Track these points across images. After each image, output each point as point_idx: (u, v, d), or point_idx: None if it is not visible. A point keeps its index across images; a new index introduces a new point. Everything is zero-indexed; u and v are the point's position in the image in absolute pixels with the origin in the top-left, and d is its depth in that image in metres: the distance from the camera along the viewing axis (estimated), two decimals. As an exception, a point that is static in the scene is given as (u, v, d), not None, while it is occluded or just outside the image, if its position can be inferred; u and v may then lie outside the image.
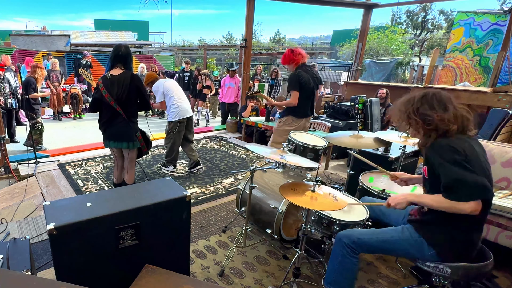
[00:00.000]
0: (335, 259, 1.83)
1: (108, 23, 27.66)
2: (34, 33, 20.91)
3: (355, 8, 7.79)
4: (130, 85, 2.87)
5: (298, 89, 3.50)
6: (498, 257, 1.74)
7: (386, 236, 1.77)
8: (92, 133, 6.76)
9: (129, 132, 3.00)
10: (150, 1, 9.47)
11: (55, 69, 8.17)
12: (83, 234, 1.51)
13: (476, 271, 1.63)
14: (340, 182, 4.15)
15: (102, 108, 2.97)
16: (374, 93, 5.75)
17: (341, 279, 1.81)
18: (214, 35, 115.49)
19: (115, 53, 2.91)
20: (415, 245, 1.69)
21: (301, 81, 3.50)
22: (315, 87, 3.70)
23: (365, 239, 1.77)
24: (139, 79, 2.99)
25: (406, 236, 1.72)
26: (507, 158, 2.72)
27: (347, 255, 1.77)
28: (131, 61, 2.99)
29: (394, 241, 1.74)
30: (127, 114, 2.95)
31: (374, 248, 1.79)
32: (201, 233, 2.86)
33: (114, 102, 2.86)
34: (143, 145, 3.17)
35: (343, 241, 1.78)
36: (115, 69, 2.90)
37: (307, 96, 3.62)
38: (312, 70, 3.74)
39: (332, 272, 1.85)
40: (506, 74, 7.34)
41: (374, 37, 20.15)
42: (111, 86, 2.84)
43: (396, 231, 1.78)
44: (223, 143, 5.89)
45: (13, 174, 4.20)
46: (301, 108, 3.62)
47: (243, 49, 6.60)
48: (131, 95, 2.92)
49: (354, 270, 1.80)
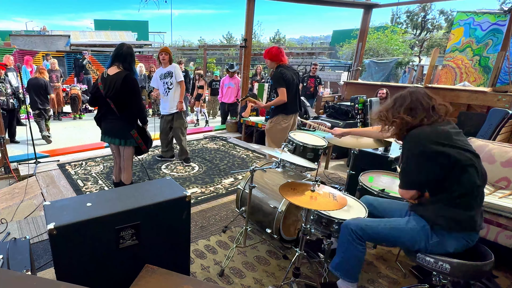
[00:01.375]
0: (341, 246, 1.89)
1: (108, 23, 27.67)
2: (34, 33, 20.92)
3: (355, 8, 7.80)
4: (121, 86, 2.80)
5: (284, 85, 3.58)
6: (498, 257, 1.74)
7: (393, 223, 1.83)
8: (92, 133, 6.76)
9: (121, 129, 2.98)
10: (150, 1, 9.47)
11: (55, 69, 8.19)
12: (83, 234, 1.52)
13: (476, 270, 1.64)
14: (340, 182, 4.15)
15: (99, 103, 2.99)
16: (374, 93, 5.75)
17: (347, 265, 1.87)
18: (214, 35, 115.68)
19: (116, 51, 2.90)
20: (421, 233, 1.74)
21: (285, 78, 3.59)
22: (298, 84, 3.88)
23: (373, 226, 1.83)
24: (132, 82, 2.88)
25: (412, 225, 1.78)
26: (507, 158, 2.72)
27: (353, 241, 1.82)
28: (132, 61, 2.93)
29: (401, 229, 1.79)
30: (120, 112, 2.92)
31: (381, 236, 1.83)
32: (201, 233, 2.86)
33: (109, 99, 2.88)
34: (141, 142, 3.09)
35: (350, 228, 1.83)
36: (113, 67, 2.90)
37: (293, 92, 3.72)
38: (291, 67, 3.90)
39: (338, 259, 1.91)
40: (506, 74, 7.33)
41: (374, 37, 20.17)
42: (104, 85, 2.86)
43: (402, 220, 1.84)
44: (223, 143, 5.89)
45: (13, 174, 4.20)
46: (290, 104, 3.68)
47: (243, 49, 6.60)
48: (122, 96, 2.84)
49: (360, 257, 1.85)
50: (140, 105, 3.04)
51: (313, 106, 7.47)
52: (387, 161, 3.05)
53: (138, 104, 3.00)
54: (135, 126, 3.06)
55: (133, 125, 3.04)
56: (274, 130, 3.77)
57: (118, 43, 3.08)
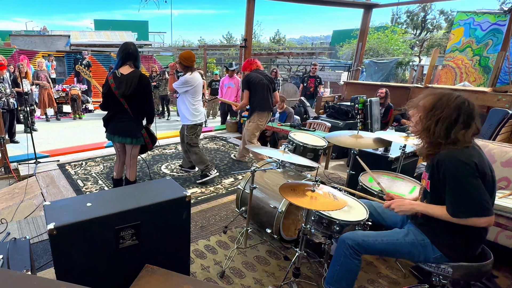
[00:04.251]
0: (337, 260, 1.82)
1: (108, 23, 27.68)
2: (34, 33, 20.91)
3: (355, 8, 7.80)
4: (138, 84, 2.85)
5: (248, 88, 4.14)
6: (498, 257, 1.74)
7: (391, 239, 1.76)
8: (92, 133, 6.77)
9: (134, 129, 3.00)
10: (150, 1, 9.50)
11: (42, 69, 7.90)
12: (83, 234, 1.51)
13: (477, 271, 1.64)
14: (340, 182, 4.15)
15: (110, 104, 2.96)
16: (374, 93, 5.75)
17: (341, 280, 1.81)
18: (214, 35, 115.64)
19: (126, 51, 2.88)
20: (420, 248, 1.69)
21: (250, 81, 4.12)
22: (270, 84, 4.28)
23: (370, 241, 1.76)
24: (147, 80, 2.96)
25: (411, 239, 1.71)
26: (507, 158, 2.72)
27: (349, 256, 1.76)
28: (139, 59, 2.98)
29: (399, 244, 1.73)
30: (134, 112, 2.95)
31: (379, 250, 1.78)
32: (201, 233, 2.86)
33: (123, 99, 2.86)
34: (148, 141, 3.16)
35: (347, 243, 1.77)
36: (125, 66, 2.88)
37: (262, 92, 4.18)
38: (264, 72, 4.41)
39: (333, 273, 1.84)
40: (505, 74, 7.34)
41: (374, 37, 20.17)
42: (120, 84, 2.83)
43: (400, 233, 1.77)
44: (223, 143, 5.88)
45: (13, 174, 4.20)
46: (261, 103, 4.21)
47: (243, 49, 6.61)
48: (138, 95, 2.90)
49: (355, 271, 1.80)
50: (153, 104, 3.17)
51: (313, 106, 7.47)
52: (387, 161, 3.05)
53: (152, 103, 3.11)
54: (143, 126, 3.12)
55: (142, 124, 3.09)
56: (252, 128, 4.32)
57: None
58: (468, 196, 1.49)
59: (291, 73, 13.93)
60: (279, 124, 5.25)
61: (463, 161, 1.50)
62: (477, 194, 1.48)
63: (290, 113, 5.67)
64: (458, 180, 1.51)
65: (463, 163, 1.50)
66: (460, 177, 1.50)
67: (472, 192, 1.48)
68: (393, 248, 1.75)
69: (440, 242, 1.65)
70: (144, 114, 3.07)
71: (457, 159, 1.52)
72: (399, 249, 1.74)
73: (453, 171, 1.52)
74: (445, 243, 1.64)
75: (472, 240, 1.62)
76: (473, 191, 1.48)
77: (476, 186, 1.48)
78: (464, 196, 1.50)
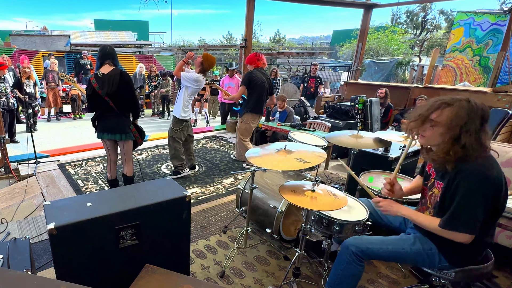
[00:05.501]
0: (339, 264, 1.80)
1: (108, 23, 27.68)
2: (34, 33, 20.90)
3: (355, 8, 7.80)
4: (120, 81, 2.94)
5: (246, 85, 4.05)
6: (498, 257, 1.74)
7: (396, 247, 1.73)
8: (92, 133, 6.70)
9: (122, 125, 3.09)
10: (150, 1, 9.48)
11: (53, 70, 8.10)
12: (83, 234, 1.51)
13: (478, 272, 1.64)
14: (340, 182, 4.15)
15: (96, 104, 3.05)
16: (374, 93, 5.75)
17: (343, 283, 1.80)
18: (214, 35, 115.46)
19: (103, 51, 3.01)
20: (425, 257, 1.68)
21: (251, 79, 4.04)
22: (269, 88, 4.27)
23: (374, 249, 1.73)
24: (128, 76, 3.07)
25: (417, 248, 1.69)
26: (507, 158, 2.72)
27: (352, 262, 1.75)
28: (117, 58, 3.09)
29: (405, 253, 1.71)
30: (120, 109, 3.03)
31: (383, 257, 1.77)
32: (201, 233, 2.86)
33: (107, 98, 2.94)
34: (137, 136, 3.25)
35: (350, 249, 1.75)
36: (104, 66, 2.98)
37: (259, 93, 4.15)
38: (267, 74, 4.34)
39: (335, 276, 1.83)
40: (506, 74, 7.34)
41: (374, 37, 20.17)
42: (102, 84, 2.91)
43: (407, 242, 1.74)
44: (223, 143, 5.89)
45: (13, 174, 4.20)
46: (256, 105, 4.22)
47: (243, 49, 6.61)
48: (121, 91, 2.98)
49: (358, 276, 1.79)
50: (137, 99, 3.27)
51: (313, 106, 7.47)
52: (387, 161, 3.05)
53: (135, 98, 3.21)
54: (131, 122, 3.19)
55: (130, 119, 3.17)
56: (243, 129, 4.39)
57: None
58: (472, 213, 1.47)
59: (291, 73, 13.93)
60: (279, 124, 5.25)
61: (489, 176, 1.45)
62: (480, 213, 1.47)
63: (290, 113, 5.66)
64: (472, 195, 1.46)
65: (487, 177, 1.45)
66: (476, 192, 1.46)
67: (477, 211, 1.46)
68: (397, 256, 1.73)
69: (449, 250, 1.63)
70: (129, 110, 3.16)
71: (484, 174, 1.46)
72: (404, 258, 1.72)
73: (474, 186, 1.46)
74: (453, 251, 1.62)
75: (480, 247, 1.61)
76: (477, 210, 1.46)
77: (483, 205, 1.46)
78: (468, 212, 1.48)
